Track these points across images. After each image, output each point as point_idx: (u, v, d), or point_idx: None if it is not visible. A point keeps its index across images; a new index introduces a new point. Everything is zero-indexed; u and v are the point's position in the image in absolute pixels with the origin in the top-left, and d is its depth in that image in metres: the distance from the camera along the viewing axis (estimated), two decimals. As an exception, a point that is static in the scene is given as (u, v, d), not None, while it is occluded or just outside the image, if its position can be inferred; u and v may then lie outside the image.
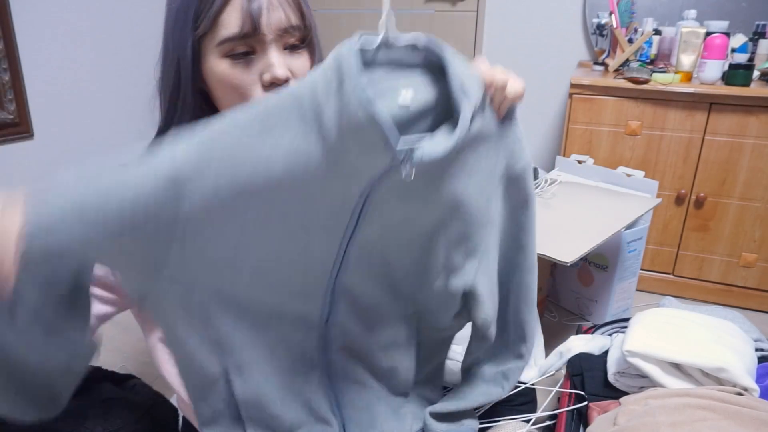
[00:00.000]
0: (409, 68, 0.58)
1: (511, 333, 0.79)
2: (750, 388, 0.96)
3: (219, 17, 0.66)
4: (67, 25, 1.76)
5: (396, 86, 0.57)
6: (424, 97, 0.59)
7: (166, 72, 0.72)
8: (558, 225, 1.40)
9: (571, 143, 1.90)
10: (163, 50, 0.73)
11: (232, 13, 0.66)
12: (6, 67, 1.59)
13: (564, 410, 1.13)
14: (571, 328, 1.77)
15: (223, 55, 0.67)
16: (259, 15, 0.65)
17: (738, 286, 1.88)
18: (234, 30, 0.66)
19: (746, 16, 1.95)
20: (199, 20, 0.66)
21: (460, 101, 0.56)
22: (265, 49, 0.68)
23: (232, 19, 0.66)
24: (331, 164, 0.55)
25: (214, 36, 0.67)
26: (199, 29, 0.67)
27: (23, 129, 1.66)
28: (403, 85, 0.57)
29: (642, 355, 1.04)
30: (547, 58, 2.32)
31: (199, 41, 0.68)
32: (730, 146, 1.74)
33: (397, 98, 0.56)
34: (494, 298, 0.73)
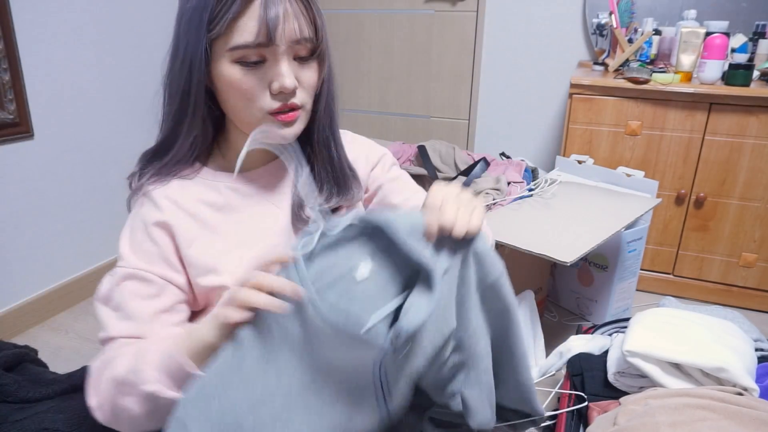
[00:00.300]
0: (354, 240, 0.60)
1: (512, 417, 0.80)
2: (750, 388, 0.96)
3: (235, 22, 0.65)
4: (68, 25, 1.76)
5: (348, 266, 0.58)
6: (380, 264, 0.60)
7: (175, 70, 0.71)
8: (558, 225, 1.40)
9: (571, 143, 1.90)
10: (172, 48, 0.72)
11: (249, 20, 0.65)
12: (6, 67, 1.59)
13: (564, 411, 1.13)
14: (571, 328, 1.77)
15: (234, 60, 0.67)
16: (275, 25, 0.65)
17: (738, 286, 1.88)
18: (249, 38, 0.65)
19: (746, 16, 1.95)
20: (214, 22, 0.65)
21: (423, 263, 0.57)
22: (277, 58, 0.68)
23: (247, 27, 0.65)
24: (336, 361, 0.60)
25: (228, 40, 0.66)
26: (213, 31, 0.66)
27: (23, 129, 1.66)
28: (355, 265, 0.59)
29: (642, 355, 1.04)
30: (547, 58, 2.32)
31: (212, 43, 0.68)
32: (730, 146, 1.74)
33: (355, 276, 0.58)
34: (488, 406, 0.74)
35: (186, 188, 0.76)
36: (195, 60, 0.68)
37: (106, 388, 0.66)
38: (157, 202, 0.74)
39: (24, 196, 1.71)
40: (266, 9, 0.65)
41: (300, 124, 0.73)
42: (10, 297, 1.72)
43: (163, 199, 0.74)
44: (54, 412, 1.00)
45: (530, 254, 1.25)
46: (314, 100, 0.76)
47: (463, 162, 1.87)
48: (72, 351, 1.66)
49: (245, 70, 0.68)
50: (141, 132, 2.10)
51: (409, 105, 2.61)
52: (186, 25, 0.68)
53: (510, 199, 1.58)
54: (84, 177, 1.90)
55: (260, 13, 0.65)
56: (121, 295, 0.71)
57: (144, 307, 0.71)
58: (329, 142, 0.80)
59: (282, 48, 0.67)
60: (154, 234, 0.72)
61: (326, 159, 0.80)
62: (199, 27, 0.66)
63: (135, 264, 0.71)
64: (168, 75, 0.73)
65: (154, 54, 2.11)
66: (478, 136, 2.54)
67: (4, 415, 0.99)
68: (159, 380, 0.61)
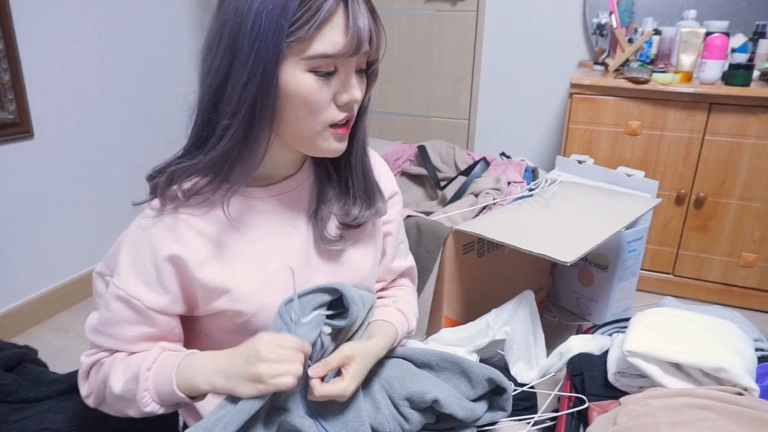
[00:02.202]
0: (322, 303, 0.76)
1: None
2: (750, 388, 0.96)
3: (320, 30, 0.62)
4: (68, 24, 1.76)
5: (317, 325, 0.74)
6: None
7: (235, 79, 0.63)
8: (558, 225, 1.40)
9: (571, 143, 1.90)
10: (224, 55, 0.64)
11: (334, 29, 0.63)
12: (6, 67, 1.59)
13: (564, 413, 1.13)
14: (571, 328, 1.77)
15: (308, 69, 0.64)
16: (363, 37, 0.64)
17: (738, 286, 1.88)
18: (334, 48, 0.63)
19: (746, 16, 1.95)
20: (294, 27, 0.61)
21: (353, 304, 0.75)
22: (348, 70, 0.67)
23: (333, 36, 0.63)
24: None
25: (307, 48, 0.63)
26: (291, 38, 0.62)
27: (23, 129, 1.66)
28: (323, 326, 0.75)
29: (642, 355, 1.04)
30: (547, 58, 2.32)
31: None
32: (730, 146, 1.74)
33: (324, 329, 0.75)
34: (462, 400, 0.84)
35: (208, 209, 0.72)
36: (269, 67, 0.62)
37: (100, 390, 0.74)
38: (174, 230, 0.70)
39: (24, 196, 1.71)
40: (354, 19, 0.63)
41: (347, 136, 0.73)
42: (10, 297, 1.72)
43: (184, 228, 0.70)
44: (54, 412, 1.00)
45: (530, 254, 1.25)
46: (361, 112, 0.76)
47: (463, 162, 1.87)
48: (72, 351, 1.66)
49: (319, 80, 0.65)
50: (141, 132, 2.10)
51: (409, 105, 2.61)
52: (254, 29, 0.61)
53: (510, 199, 1.58)
54: (84, 177, 1.90)
55: (348, 23, 0.63)
56: (111, 313, 0.71)
57: (128, 332, 0.72)
58: (365, 155, 0.80)
59: (355, 60, 0.67)
60: (161, 265, 0.69)
61: (361, 172, 0.79)
62: (277, 32, 0.61)
63: (129, 288, 0.70)
64: (220, 84, 0.65)
65: (154, 54, 2.11)
66: (478, 136, 2.54)
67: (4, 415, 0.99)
68: (155, 402, 0.70)
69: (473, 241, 1.44)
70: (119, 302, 0.70)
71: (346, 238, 0.81)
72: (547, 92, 2.36)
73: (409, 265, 0.99)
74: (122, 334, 0.72)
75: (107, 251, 0.76)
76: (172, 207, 0.70)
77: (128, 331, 0.72)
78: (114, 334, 0.72)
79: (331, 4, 0.62)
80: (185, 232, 0.70)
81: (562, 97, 2.34)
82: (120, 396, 0.70)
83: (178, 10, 2.17)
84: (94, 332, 0.74)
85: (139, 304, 0.70)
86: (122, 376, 0.70)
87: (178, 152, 0.73)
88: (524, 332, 1.38)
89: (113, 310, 0.71)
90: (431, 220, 1.45)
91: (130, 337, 0.72)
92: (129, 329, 0.72)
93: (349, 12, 0.63)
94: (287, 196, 0.78)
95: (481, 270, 1.50)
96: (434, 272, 1.41)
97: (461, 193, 1.66)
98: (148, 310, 0.70)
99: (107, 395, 0.73)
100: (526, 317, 1.39)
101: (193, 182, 0.70)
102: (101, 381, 0.73)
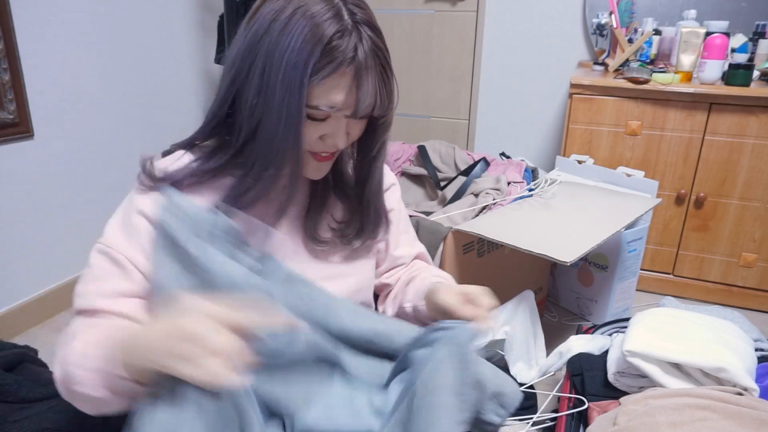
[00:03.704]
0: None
1: None
2: (750, 388, 0.96)
3: (322, 85, 0.63)
4: (68, 24, 1.76)
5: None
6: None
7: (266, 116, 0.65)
8: (558, 225, 1.40)
9: (571, 143, 1.90)
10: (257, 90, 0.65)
11: (337, 89, 0.64)
12: (6, 67, 1.59)
13: (564, 414, 1.13)
14: (571, 328, 1.77)
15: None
16: (363, 104, 0.65)
17: (738, 286, 1.88)
18: (331, 105, 0.65)
19: (746, 16, 1.95)
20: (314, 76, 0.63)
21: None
22: (340, 123, 0.68)
23: (336, 96, 0.64)
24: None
25: (310, 98, 0.64)
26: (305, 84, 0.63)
27: (23, 129, 1.66)
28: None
29: (642, 355, 1.04)
30: (547, 58, 2.32)
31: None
32: (730, 146, 1.74)
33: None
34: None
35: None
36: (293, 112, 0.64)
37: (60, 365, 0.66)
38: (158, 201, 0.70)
39: (24, 196, 1.71)
40: (358, 84, 0.64)
41: (330, 164, 0.75)
42: (10, 297, 1.72)
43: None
44: (54, 412, 1.00)
45: (530, 254, 1.25)
46: (373, 160, 0.77)
47: (463, 162, 1.87)
48: (72, 351, 1.66)
49: (309, 123, 0.67)
50: (141, 132, 2.10)
51: (409, 105, 2.61)
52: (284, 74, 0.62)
53: (510, 199, 1.58)
54: (84, 177, 1.90)
55: (350, 86, 0.64)
56: (90, 268, 0.70)
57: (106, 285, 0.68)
58: (378, 193, 0.82)
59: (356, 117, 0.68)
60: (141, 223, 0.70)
61: (372, 210, 0.81)
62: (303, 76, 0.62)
63: (110, 240, 0.71)
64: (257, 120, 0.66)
65: (154, 54, 2.11)
66: (478, 136, 2.54)
67: (4, 415, 0.99)
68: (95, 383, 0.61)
69: (473, 241, 1.44)
70: (99, 255, 0.70)
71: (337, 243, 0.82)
72: (547, 92, 2.36)
73: (418, 252, 0.97)
74: (100, 288, 0.68)
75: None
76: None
77: (106, 284, 0.68)
78: (92, 290, 0.68)
79: (336, 65, 0.62)
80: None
81: (562, 97, 2.34)
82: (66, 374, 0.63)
83: (178, 10, 2.17)
84: (75, 297, 0.70)
85: (117, 254, 0.69)
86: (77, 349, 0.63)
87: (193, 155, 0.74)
88: (524, 332, 1.38)
89: (92, 265, 0.70)
90: (430, 220, 1.45)
91: (108, 291, 0.68)
92: (107, 283, 0.68)
93: (355, 76, 0.64)
94: (275, 202, 0.79)
95: (481, 270, 1.50)
96: (434, 272, 1.41)
97: (461, 193, 1.66)
98: (127, 262, 0.68)
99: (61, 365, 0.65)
100: (526, 317, 1.39)
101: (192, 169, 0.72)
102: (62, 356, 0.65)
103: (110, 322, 0.67)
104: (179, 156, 0.74)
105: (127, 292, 0.69)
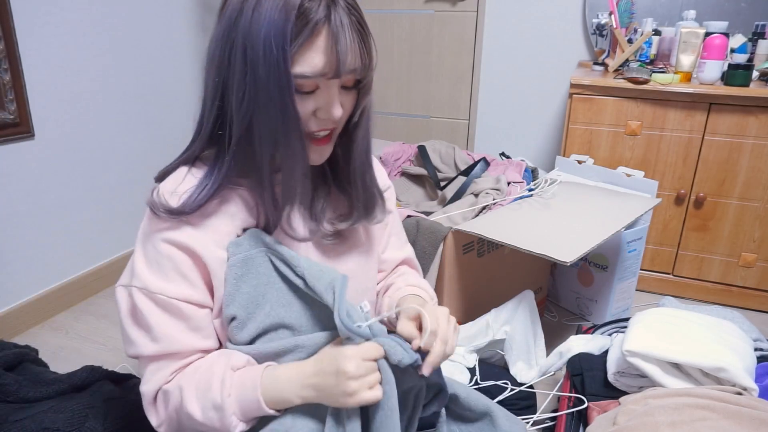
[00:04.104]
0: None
1: None
2: (749, 388, 0.96)
3: (301, 52, 0.64)
4: (68, 24, 1.76)
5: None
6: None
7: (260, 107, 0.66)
8: (558, 225, 1.40)
9: (571, 143, 1.91)
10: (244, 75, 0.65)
11: (315, 51, 0.64)
12: (6, 67, 1.59)
13: (564, 413, 1.13)
14: (571, 328, 1.77)
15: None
16: (344, 60, 0.65)
17: (738, 286, 1.88)
18: (314, 70, 0.64)
19: (746, 17, 1.95)
20: (293, 43, 0.63)
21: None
22: (330, 88, 0.68)
23: (314, 59, 0.64)
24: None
25: (293, 66, 0.64)
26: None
27: (23, 129, 1.66)
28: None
29: (642, 355, 1.04)
30: (547, 58, 2.32)
31: None
32: (730, 146, 1.74)
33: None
34: None
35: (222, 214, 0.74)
36: (286, 91, 0.64)
37: (175, 419, 0.73)
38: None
39: (24, 196, 1.72)
40: (334, 42, 0.64)
41: (330, 147, 0.74)
42: (10, 297, 1.72)
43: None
44: (54, 412, 1.00)
45: (530, 254, 1.25)
46: (354, 127, 0.76)
47: (463, 162, 1.87)
48: (72, 351, 1.66)
49: (299, 97, 0.67)
50: (141, 132, 2.10)
51: (409, 105, 2.61)
52: (266, 55, 0.63)
53: (510, 199, 1.58)
54: (84, 177, 1.90)
55: (327, 45, 0.64)
56: (148, 315, 0.71)
57: (168, 329, 0.71)
58: (365, 168, 0.80)
59: (343, 79, 0.67)
60: (172, 254, 0.70)
61: (360, 184, 0.80)
62: (283, 55, 0.63)
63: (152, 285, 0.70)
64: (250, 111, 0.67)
65: (154, 54, 2.11)
66: (478, 136, 2.54)
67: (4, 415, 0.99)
68: (243, 422, 0.71)
69: (473, 241, 1.44)
70: (145, 300, 0.70)
71: (343, 235, 0.82)
72: (547, 92, 2.36)
73: (404, 257, 0.98)
74: (158, 332, 0.70)
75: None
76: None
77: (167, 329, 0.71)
78: (157, 336, 0.71)
79: (312, 27, 0.63)
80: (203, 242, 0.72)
81: (562, 97, 2.34)
82: (201, 423, 0.70)
83: (178, 10, 2.17)
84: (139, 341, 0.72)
85: (161, 297, 0.70)
86: (197, 403, 0.70)
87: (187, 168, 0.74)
88: (524, 332, 1.38)
89: (142, 310, 0.70)
90: (430, 220, 1.45)
91: (166, 332, 0.71)
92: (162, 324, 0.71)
93: (331, 34, 0.64)
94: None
95: (481, 270, 1.50)
96: (432, 272, 1.41)
97: (461, 193, 1.66)
98: (173, 301, 0.70)
99: (185, 424, 0.72)
100: (526, 317, 1.39)
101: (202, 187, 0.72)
102: (173, 411, 0.72)
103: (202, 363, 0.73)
104: (184, 174, 0.73)
105: (187, 329, 0.72)
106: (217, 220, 0.72)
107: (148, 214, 0.72)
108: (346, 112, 0.72)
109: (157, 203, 0.70)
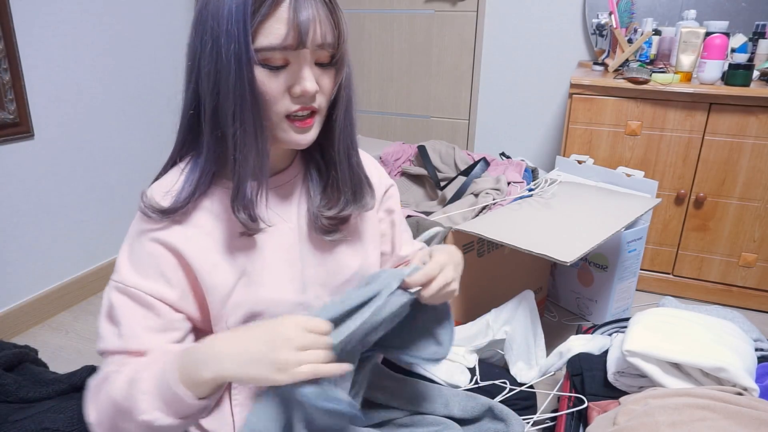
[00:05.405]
0: None
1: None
2: (750, 388, 0.96)
3: (263, 24, 0.63)
4: (68, 24, 1.76)
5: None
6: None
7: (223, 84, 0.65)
8: (558, 225, 1.40)
9: (571, 143, 1.91)
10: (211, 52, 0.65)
11: (277, 22, 0.64)
12: (6, 67, 1.59)
13: (564, 413, 1.13)
14: (571, 328, 1.77)
15: (258, 61, 0.65)
16: (306, 29, 0.64)
17: (738, 286, 1.88)
18: (277, 41, 0.64)
19: (746, 16, 1.95)
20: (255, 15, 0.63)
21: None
22: (300, 62, 0.67)
23: (278, 29, 0.64)
24: None
25: (253, 41, 0.64)
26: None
27: (23, 129, 1.66)
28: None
29: (642, 355, 1.04)
30: (547, 58, 2.32)
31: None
32: (730, 146, 1.74)
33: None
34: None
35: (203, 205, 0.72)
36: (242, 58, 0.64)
37: (104, 408, 0.66)
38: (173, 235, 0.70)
39: (24, 196, 1.72)
40: (296, 12, 0.64)
41: (316, 129, 0.73)
42: (10, 297, 1.72)
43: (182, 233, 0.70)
44: (54, 412, 1.00)
45: (530, 254, 1.25)
46: (333, 106, 0.74)
47: (463, 162, 1.87)
48: (72, 351, 1.67)
49: (269, 73, 0.66)
50: (141, 132, 2.10)
51: (409, 105, 2.61)
52: (229, 31, 0.63)
53: (510, 199, 1.58)
54: (84, 177, 1.90)
55: (289, 16, 0.64)
56: (119, 310, 0.69)
57: (136, 326, 0.68)
58: (350, 149, 0.78)
59: (307, 52, 0.66)
60: (156, 252, 0.69)
61: (346, 166, 0.78)
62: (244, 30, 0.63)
63: (129, 279, 0.69)
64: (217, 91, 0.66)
65: (154, 54, 2.11)
66: (478, 136, 2.54)
67: (4, 415, 0.99)
68: (156, 408, 0.62)
69: (473, 241, 1.44)
70: (120, 295, 0.69)
71: (341, 231, 0.81)
72: (547, 92, 2.36)
73: (418, 248, 0.98)
74: (129, 331, 0.68)
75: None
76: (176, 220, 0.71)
77: (132, 324, 0.68)
78: (123, 332, 0.68)
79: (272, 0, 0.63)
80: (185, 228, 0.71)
81: (562, 97, 2.34)
82: (119, 406, 0.64)
83: (178, 10, 2.17)
84: (106, 336, 0.70)
85: (138, 293, 0.68)
86: (123, 381, 0.64)
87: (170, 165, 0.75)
88: (524, 332, 1.38)
89: (115, 305, 0.69)
90: (431, 220, 1.45)
91: (136, 330, 0.68)
92: (132, 322, 0.68)
93: (293, 6, 0.64)
94: (279, 191, 0.78)
95: (481, 270, 1.50)
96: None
97: (461, 193, 1.66)
98: (150, 298, 0.68)
99: (111, 411, 0.65)
100: (526, 317, 1.39)
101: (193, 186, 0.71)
102: (105, 396, 0.66)
103: (144, 358, 0.68)
104: (177, 175, 0.73)
105: (157, 328, 0.69)
106: (208, 221, 0.72)
107: (138, 213, 0.71)
108: (325, 92, 0.71)
109: (147, 204, 0.69)
